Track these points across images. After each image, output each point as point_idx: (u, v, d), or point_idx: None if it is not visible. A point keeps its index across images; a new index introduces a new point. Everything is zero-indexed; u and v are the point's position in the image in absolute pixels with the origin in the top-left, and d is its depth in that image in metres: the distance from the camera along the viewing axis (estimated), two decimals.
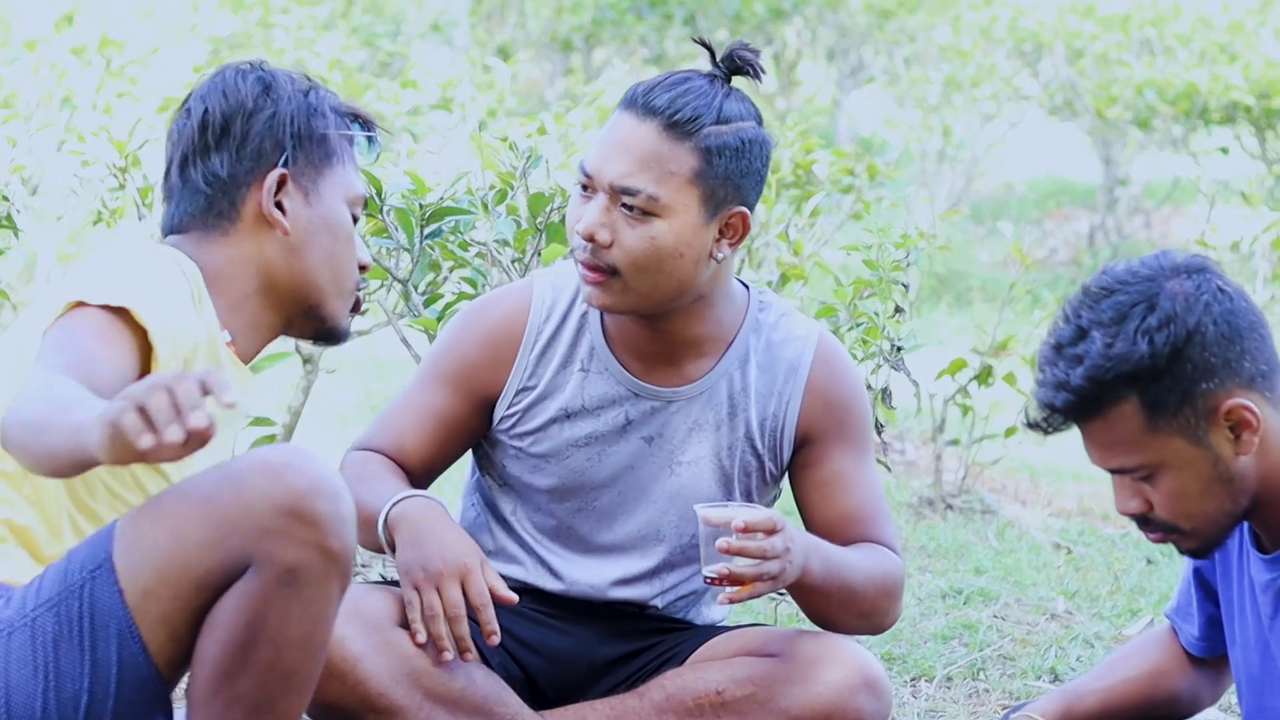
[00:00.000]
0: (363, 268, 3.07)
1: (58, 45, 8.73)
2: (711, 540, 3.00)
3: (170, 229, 3.01)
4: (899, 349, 4.35)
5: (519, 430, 3.33)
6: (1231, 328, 2.80)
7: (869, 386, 4.38)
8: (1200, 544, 2.93)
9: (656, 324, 3.26)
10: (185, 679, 2.70)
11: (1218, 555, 3.06)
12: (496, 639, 3.16)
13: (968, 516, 5.67)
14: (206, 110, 3.00)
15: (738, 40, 3.25)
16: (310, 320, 3.04)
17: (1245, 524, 2.97)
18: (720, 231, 3.20)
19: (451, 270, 4.22)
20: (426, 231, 4.05)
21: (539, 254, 4.14)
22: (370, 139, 3.12)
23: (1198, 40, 12.52)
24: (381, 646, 3.13)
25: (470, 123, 8.49)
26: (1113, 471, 2.89)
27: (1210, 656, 3.22)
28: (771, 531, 3.00)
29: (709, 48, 3.26)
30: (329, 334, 3.08)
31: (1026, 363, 5.50)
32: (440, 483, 3.67)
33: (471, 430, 3.36)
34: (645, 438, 3.31)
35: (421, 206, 4.02)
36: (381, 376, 7.55)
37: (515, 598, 3.18)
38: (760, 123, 3.22)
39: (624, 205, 3.15)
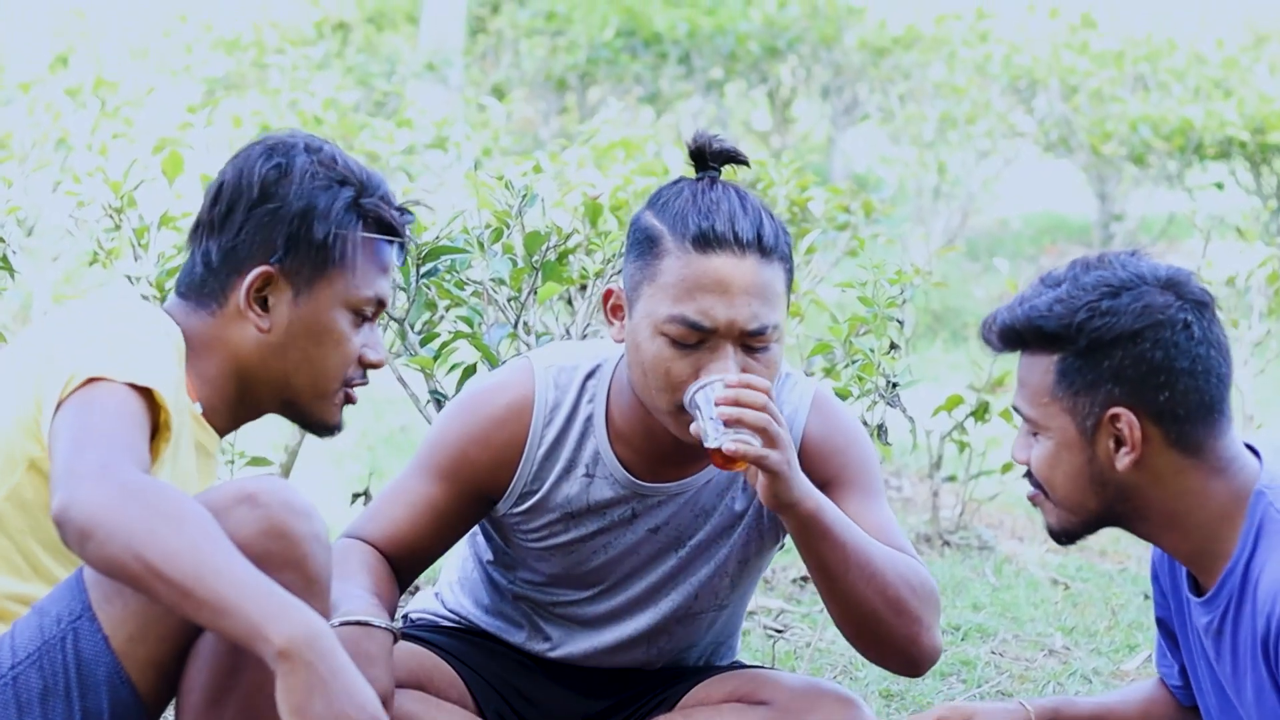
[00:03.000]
0: (370, 365, 2.98)
1: (52, 86, 8.77)
2: (710, 407, 2.96)
3: (176, 289, 2.98)
4: (895, 385, 4.34)
5: (521, 528, 3.28)
6: (1167, 358, 2.79)
7: (864, 423, 4.37)
8: (1059, 524, 2.92)
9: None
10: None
11: (1172, 603, 3.05)
12: None
13: (965, 553, 5.66)
14: (221, 185, 2.95)
15: (704, 133, 3.15)
16: (290, 413, 2.99)
17: (1185, 569, 2.95)
18: None
19: (448, 309, 4.21)
20: (422, 270, 4.05)
21: (535, 293, 4.14)
22: (399, 244, 3.02)
23: (1192, 76, 12.58)
24: None
25: (465, 162, 8.52)
26: (1015, 411, 2.92)
27: (1194, 704, 3.21)
28: (763, 406, 2.95)
29: (703, 152, 3.13)
30: (314, 428, 3.02)
31: None
32: None
33: (468, 521, 3.27)
34: (651, 529, 3.26)
35: (417, 245, 4.02)
36: (377, 415, 7.54)
37: None
38: None
39: (747, 346, 3.06)
